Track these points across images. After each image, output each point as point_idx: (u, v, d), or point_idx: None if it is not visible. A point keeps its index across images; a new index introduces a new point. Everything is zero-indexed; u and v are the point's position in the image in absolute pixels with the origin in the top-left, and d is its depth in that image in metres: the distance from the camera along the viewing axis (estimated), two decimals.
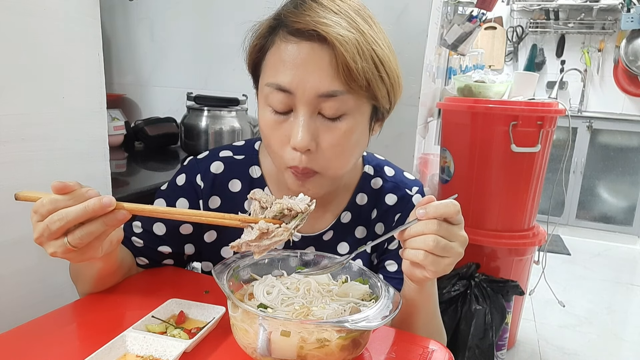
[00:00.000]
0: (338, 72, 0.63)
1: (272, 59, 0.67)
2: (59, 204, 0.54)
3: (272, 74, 0.66)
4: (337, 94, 0.64)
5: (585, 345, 2.32)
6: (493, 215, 2.02)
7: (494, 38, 4.06)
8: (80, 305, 0.69)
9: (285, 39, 0.65)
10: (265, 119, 0.69)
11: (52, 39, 0.83)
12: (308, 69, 0.63)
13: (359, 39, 0.63)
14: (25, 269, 0.85)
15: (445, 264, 0.60)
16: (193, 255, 0.84)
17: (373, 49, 0.64)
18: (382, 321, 0.51)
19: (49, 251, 0.56)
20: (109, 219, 0.56)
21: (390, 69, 0.68)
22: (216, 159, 0.82)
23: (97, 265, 0.66)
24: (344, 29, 0.62)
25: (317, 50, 0.63)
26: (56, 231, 0.54)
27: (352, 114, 0.67)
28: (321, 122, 0.66)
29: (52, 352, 0.55)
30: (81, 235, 0.54)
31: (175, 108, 1.90)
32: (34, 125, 0.83)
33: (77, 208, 0.53)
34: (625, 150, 3.80)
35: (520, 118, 1.86)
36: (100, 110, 0.95)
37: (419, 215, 0.60)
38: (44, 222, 0.54)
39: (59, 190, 0.54)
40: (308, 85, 0.63)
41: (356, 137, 0.69)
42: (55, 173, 0.87)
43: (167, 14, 2.02)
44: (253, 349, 0.53)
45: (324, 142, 0.66)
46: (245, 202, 0.81)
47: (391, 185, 0.84)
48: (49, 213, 0.54)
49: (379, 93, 0.67)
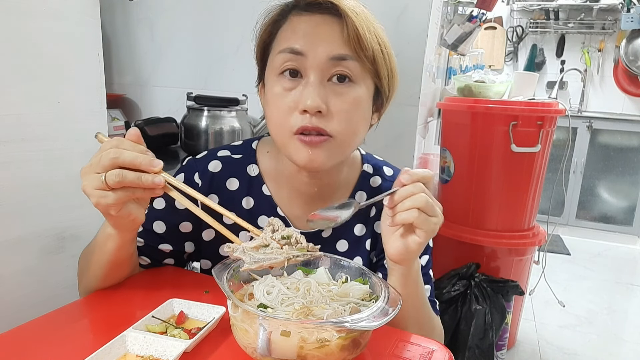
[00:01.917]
0: (349, 39, 0.68)
1: (284, 33, 0.71)
2: (122, 145, 0.59)
3: (285, 43, 0.70)
4: (347, 57, 0.69)
5: (585, 345, 2.32)
6: (493, 215, 2.02)
7: (494, 38, 4.06)
8: (80, 305, 0.69)
9: (298, 14, 0.71)
10: (274, 91, 0.71)
11: (52, 39, 0.83)
12: (320, 35, 0.69)
13: (365, 15, 0.70)
14: (25, 269, 0.85)
15: (433, 223, 0.64)
16: (193, 253, 0.85)
17: (375, 28, 0.71)
18: (382, 321, 0.51)
19: (84, 183, 0.59)
20: (147, 177, 0.59)
21: (390, 54, 0.74)
22: (214, 158, 0.83)
23: (113, 243, 0.67)
24: (351, 3, 0.69)
25: (328, 21, 0.69)
26: (105, 164, 0.58)
27: (359, 83, 0.71)
28: (331, 87, 0.70)
29: (52, 352, 0.55)
30: (117, 174, 0.57)
31: (175, 108, 1.90)
32: (34, 125, 0.83)
33: (131, 153, 0.59)
34: (625, 150, 3.80)
35: (520, 118, 1.86)
36: (100, 110, 0.95)
37: (404, 180, 0.64)
38: (99, 155, 0.59)
39: (132, 137, 0.61)
40: (320, 48, 0.68)
41: (362, 109, 0.73)
42: (55, 173, 0.87)
43: (167, 14, 2.02)
44: (253, 349, 0.53)
45: (334, 106, 0.69)
46: (244, 200, 0.82)
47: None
48: (110, 147, 0.58)
49: (381, 72, 0.72)
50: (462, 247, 2.01)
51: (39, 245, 0.87)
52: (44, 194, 0.86)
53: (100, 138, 0.64)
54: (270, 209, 0.82)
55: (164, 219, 0.79)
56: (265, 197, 0.82)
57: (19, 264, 0.84)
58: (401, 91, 1.95)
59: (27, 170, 0.83)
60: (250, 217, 0.81)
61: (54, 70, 0.85)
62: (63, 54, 0.86)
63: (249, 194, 0.82)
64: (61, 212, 0.89)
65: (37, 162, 0.84)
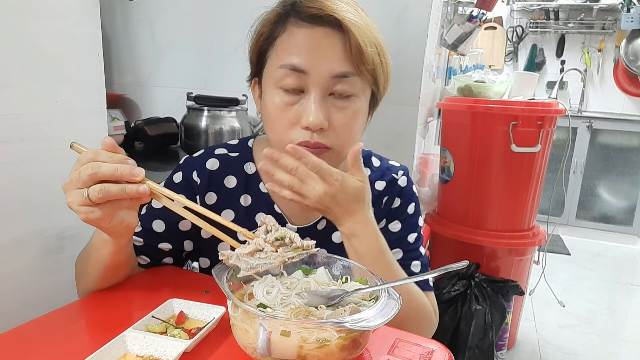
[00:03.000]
0: (351, 55, 0.67)
1: (283, 44, 0.70)
2: (99, 157, 0.57)
3: (286, 57, 0.69)
4: (349, 75, 0.69)
5: (585, 345, 2.32)
6: (493, 215, 2.02)
7: (494, 38, 4.06)
8: (80, 305, 0.69)
9: (299, 24, 0.69)
10: (274, 101, 0.71)
11: (52, 39, 0.83)
12: (322, 52, 0.67)
13: (365, 25, 0.68)
14: (25, 269, 0.85)
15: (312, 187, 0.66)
16: (192, 252, 0.85)
17: (375, 36, 0.70)
18: (382, 321, 0.51)
19: (68, 200, 0.58)
20: (130, 187, 0.58)
21: (386, 57, 0.74)
22: (211, 156, 0.83)
23: (109, 249, 0.66)
24: (352, 14, 0.67)
25: (330, 34, 0.67)
26: (85, 180, 0.56)
27: (359, 96, 0.72)
28: (332, 102, 0.70)
29: (52, 352, 0.55)
30: (99, 190, 0.56)
31: (175, 108, 1.90)
32: (34, 125, 0.83)
33: (110, 166, 0.57)
34: (625, 150, 3.80)
35: (520, 118, 1.86)
36: (100, 110, 0.95)
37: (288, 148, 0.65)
38: (78, 170, 0.57)
39: (108, 146, 0.59)
40: (322, 66, 0.67)
41: (361, 119, 0.74)
42: (55, 173, 0.87)
43: (167, 14, 2.02)
44: (253, 349, 0.53)
45: (336, 121, 0.70)
46: (241, 197, 0.82)
47: (379, 174, 0.88)
48: (88, 161, 0.57)
49: (379, 78, 0.73)
50: (462, 247, 2.01)
51: (39, 245, 0.87)
52: (44, 194, 0.86)
53: (77, 148, 0.61)
54: (267, 206, 0.82)
55: (163, 218, 0.80)
56: (263, 194, 0.83)
57: (19, 264, 0.84)
58: (401, 91, 1.96)
59: (27, 170, 0.83)
60: (248, 214, 0.82)
61: (54, 70, 0.85)
62: (63, 54, 0.86)
63: (247, 191, 0.83)
64: (61, 212, 0.89)
65: (37, 162, 0.84)
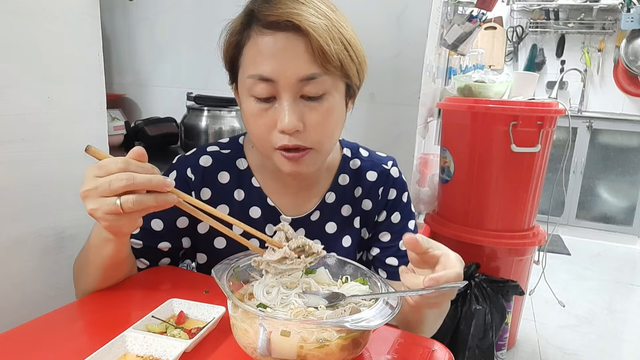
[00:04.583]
0: (314, 57, 0.68)
1: (250, 52, 0.71)
2: (130, 167, 0.57)
3: (253, 67, 0.70)
4: (316, 76, 0.69)
5: (585, 345, 2.32)
6: (493, 215, 2.02)
7: (494, 38, 4.06)
8: (80, 305, 0.69)
9: (261, 32, 0.69)
10: (249, 108, 0.73)
11: (52, 38, 0.83)
12: (286, 57, 0.68)
13: (328, 24, 0.68)
14: (25, 269, 0.85)
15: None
16: (188, 250, 0.86)
17: (340, 32, 0.70)
18: (382, 321, 0.51)
19: (91, 207, 0.57)
20: (161, 197, 0.59)
21: (357, 48, 0.74)
22: (204, 153, 0.85)
23: (110, 247, 0.66)
24: (313, 16, 0.68)
25: (292, 39, 0.68)
26: (116, 189, 0.56)
27: (331, 93, 0.72)
28: (304, 104, 0.71)
29: (52, 352, 0.55)
30: (134, 200, 0.56)
31: (175, 108, 1.90)
32: (34, 125, 0.83)
33: (145, 176, 0.57)
34: (625, 150, 3.79)
35: (520, 118, 1.86)
36: (100, 110, 0.95)
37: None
38: (107, 178, 0.56)
39: (138, 155, 0.59)
40: (288, 72, 0.68)
41: (337, 114, 0.75)
42: (55, 173, 0.87)
43: (167, 14, 2.02)
44: (253, 349, 0.53)
45: (310, 121, 0.71)
46: (235, 192, 0.84)
47: (369, 164, 0.90)
48: (119, 170, 0.56)
49: (350, 71, 0.73)
50: (462, 247, 2.01)
51: (39, 245, 0.87)
52: (44, 194, 0.86)
53: (94, 152, 0.59)
54: (260, 200, 0.84)
55: (161, 217, 0.80)
56: (255, 188, 0.85)
57: (19, 264, 0.84)
58: (401, 91, 1.96)
59: (27, 170, 0.83)
60: (242, 208, 0.84)
61: (54, 70, 0.85)
62: (63, 54, 0.86)
63: (240, 186, 0.85)
64: (61, 212, 0.89)
65: (37, 162, 0.84)
